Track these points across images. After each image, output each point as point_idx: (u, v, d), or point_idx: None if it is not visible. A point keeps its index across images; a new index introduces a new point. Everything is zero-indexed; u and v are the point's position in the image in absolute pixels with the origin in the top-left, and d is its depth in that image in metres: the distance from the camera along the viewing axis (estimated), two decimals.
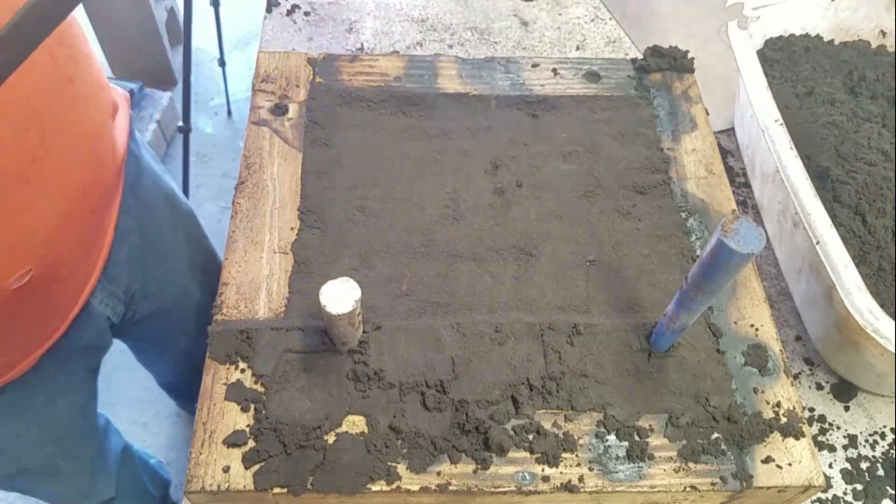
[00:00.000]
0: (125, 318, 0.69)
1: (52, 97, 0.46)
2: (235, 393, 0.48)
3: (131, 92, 1.80)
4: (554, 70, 0.70)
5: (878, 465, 0.60)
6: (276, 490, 0.45)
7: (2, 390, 0.56)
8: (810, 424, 0.62)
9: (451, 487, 0.45)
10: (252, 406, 0.47)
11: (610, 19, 0.92)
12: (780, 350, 0.53)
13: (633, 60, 0.72)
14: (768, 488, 0.47)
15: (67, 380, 0.64)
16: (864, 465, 0.60)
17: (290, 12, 0.89)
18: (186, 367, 0.91)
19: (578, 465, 0.47)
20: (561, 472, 0.47)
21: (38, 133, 0.45)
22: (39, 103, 0.44)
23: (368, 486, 0.45)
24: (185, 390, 1.11)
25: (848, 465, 0.60)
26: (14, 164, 0.44)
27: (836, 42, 0.82)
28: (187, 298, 0.78)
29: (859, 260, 0.62)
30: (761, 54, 0.79)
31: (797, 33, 0.81)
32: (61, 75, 0.47)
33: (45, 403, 0.62)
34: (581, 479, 0.46)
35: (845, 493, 0.59)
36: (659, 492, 0.47)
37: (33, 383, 0.59)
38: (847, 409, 0.64)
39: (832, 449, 0.61)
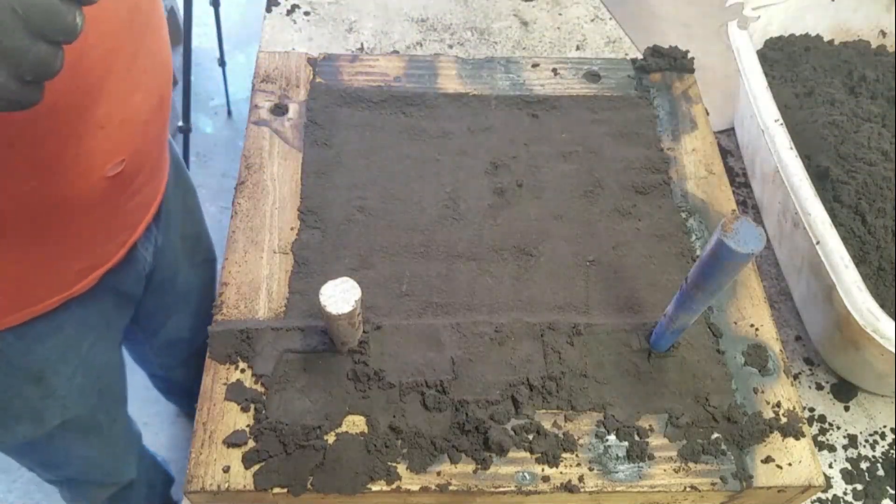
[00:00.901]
0: (147, 278, 0.72)
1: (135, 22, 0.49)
2: (235, 393, 0.48)
3: None
4: (554, 70, 0.70)
5: (878, 465, 0.60)
6: (276, 490, 0.45)
7: (59, 325, 0.60)
8: (810, 424, 0.62)
9: (451, 487, 0.45)
10: (252, 406, 0.47)
11: (610, 19, 0.92)
12: (780, 350, 0.53)
13: (633, 60, 0.72)
14: (768, 488, 0.47)
15: (106, 329, 0.68)
16: (864, 465, 0.60)
17: (290, 12, 0.89)
18: (179, 358, 0.93)
19: (578, 465, 0.47)
20: (561, 472, 0.47)
21: (141, 20, 0.49)
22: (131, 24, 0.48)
23: (368, 486, 0.45)
24: (180, 387, 1.12)
25: (848, 465, 0.60)
26: (125, 46, 0.47)
27: (836, 42, 0.82)
28: (182, 273, 0.80)
29: (859, 260, 0.62)
30: (761, 54, 0.79)
31: (797, 33, 0.81)
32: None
33: (89, 350, 0.66)
34: (581, 479, 0.46)
35: (845, 493, 0.59)
36: (659, 492, 0.47)
37: (83, 320, 0.63)
38: (847, 409, 0.64)
39: (832, 449, 0.61)
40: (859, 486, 0.59)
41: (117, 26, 0.47)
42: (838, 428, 0.62)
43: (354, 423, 0.47)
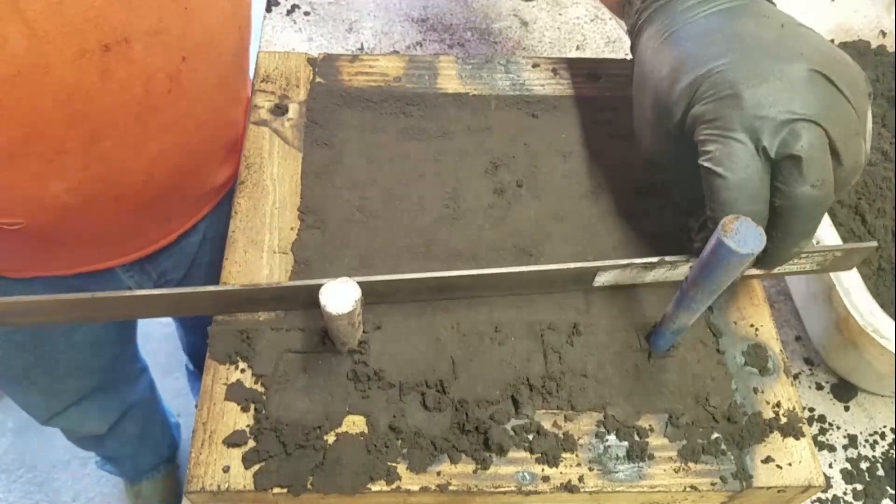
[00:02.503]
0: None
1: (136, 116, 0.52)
2: (235, 393, 0.48)
3: None
4: (554, 70, 0.70)
5: (878, 465, 0.60)
6: (276, 490, 0.45)
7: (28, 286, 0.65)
8: (810, 424, 0.62)
9: (451, 487, 0.45)
10: (252, 406, 0.47)
11: (610, 19, 0.92)
12: (780, 350, 0.53)
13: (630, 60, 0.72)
14: (768, 488, 0.47)
15: None
16: (864, 465, 0.60)
17: (290, 12, 0.89)
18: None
19: (578, 465, 0.47)
20: (561, 472, 0.47)
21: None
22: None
23: (368, 486, 0.45)
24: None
25: (848, 465, 0.60)
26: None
27: (836, 42, 0.82)
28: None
29: None
30: None
31: None
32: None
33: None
34: (581, 479, 0.46)
35: (845, 493, 0.59)
36: (659, 492, 0.47)
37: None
38: (847, 409, 0.64)
39: (832, 449, 0.61)
40: (859, 486, 0.59)
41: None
42: (838, 428, 0.62)
43: (354, 423, 0.47)
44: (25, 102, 0.44)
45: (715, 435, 0.49)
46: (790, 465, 0.48)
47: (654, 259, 0.45)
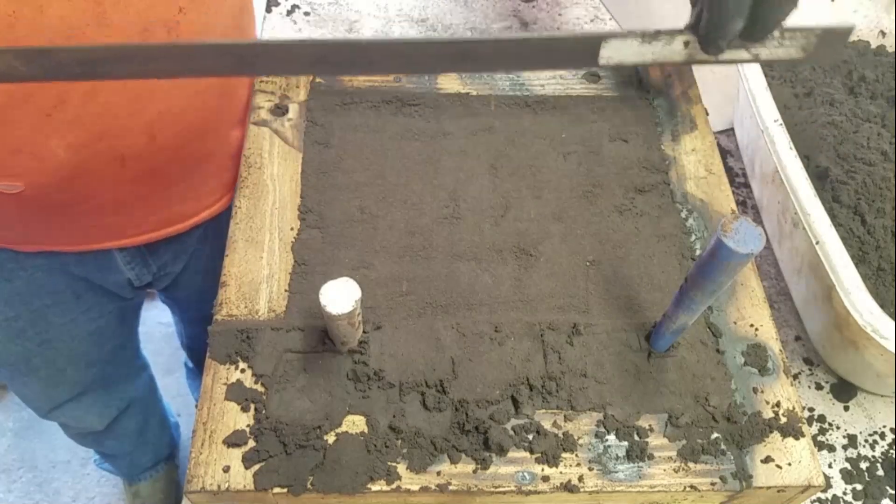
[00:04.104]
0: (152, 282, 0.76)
1: None
2: (235, 393, 0.48)
3: None
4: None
5: (878, 465, 0.60)
6: (276, 490, 0.45)
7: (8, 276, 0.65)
8: (810, 424, 0.62)
9: (451, 487, 0.45)
10: (252, 406, 0.47)
11: (610, 19, 0.92)
12: (780, 350, 0.53)
13: None
14: (768, 488, 0.47)
15: (73, 301, 0.72)
16: (863, 465, 0.60)
17: (290, 12, 0.89)
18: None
19: (578, 464, 0.47)
20: (561, 472, 0.47)
21: None
22: None
23: (368, 486, 0.45)
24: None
25: (847, 465, 0.60)
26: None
27: None
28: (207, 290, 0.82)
29: (859, 260, 0.62)
30: None
31: None
32: None
33: (41, 307, 0.71)
34: (581, 478, 0.46)
35: (845, 493, 0.59)
36: (658, 491, 0.47)
37: (35, 279, 0.67)
38: (847, 409, 0.64)
39: (832, 449, 0.61)
40: (859, 486, 0.59)
41: None
42: (838, 428, 0.62)
43: (354, 423, 0.48)
44: (21, 44, 0.44)
45: (715, 435, 0.49)
46: (790, 464, 0.48)
47: (652, 31, 0.41)
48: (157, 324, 1.52)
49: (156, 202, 0.64)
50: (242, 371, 0.49)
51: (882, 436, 0.62)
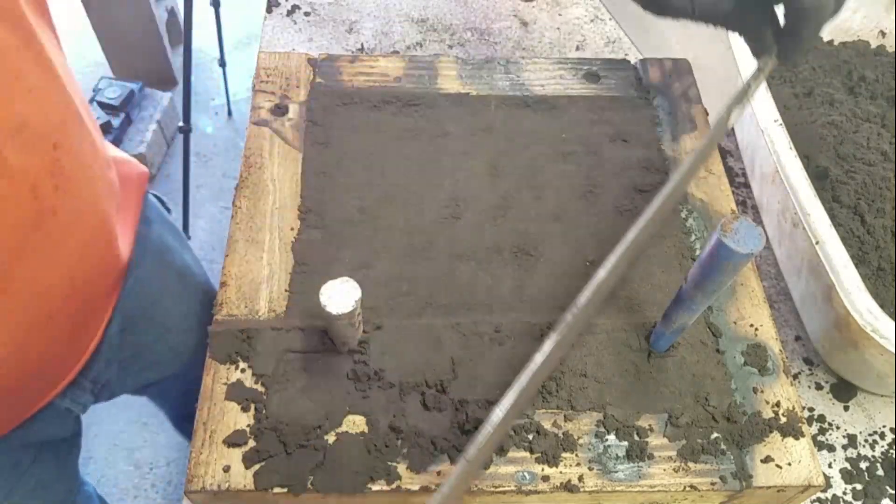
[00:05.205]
0: (97, 400, 0.64)
1: (25, 231, 0.42)
2: (235, 393, 0.48)
3: (132, 92, 1.80)
4: (553, 70, 0.70)
5: (878, 464, 0.60)
6: (277, 490, 0.45)
7: None
8: (810, 424, 0.62)
9: None
10: (252, 406, 0.48)
11: (610, 19, 0.92)
12: (780, 350, 0.53)
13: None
14: (768, 488, 0.47)
15: (15, 478, 0.59)
16: (863, 465, 0.60)
17: (290, 12, 0.89)
18: (178, 411, 0.88)
19: (578, 464, 0.47)
20: (561, 472, 0.47)
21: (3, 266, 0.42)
22: (9, 238, 0.41)
23: (368, 485, 0.45)
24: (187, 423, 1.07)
25: (847, 465, 0.60)
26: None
27: (836, 42, 0.82)
28: (184, 366, 0.72)
29: (859, 260, 0.62)
30: None
31: None
32: (43, 208, 0.43)
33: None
34: (581, 478, 0.46)
35: (845, 493, 0.59)
36: (658, 491, 0.47)
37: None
38: (847, 408, 0.64)
39: (832, 449, 0.61)
40: (859, 486, 0.59)
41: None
42: (838, 428, 0.62)
43: (354, 423, 0.48)
44: None
45: (714, 435, 0.49)
46: (790, 464, 0.48)
47: None
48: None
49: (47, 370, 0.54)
50: (242, 371, 0.49)
51: (882, 436, 0.62)
